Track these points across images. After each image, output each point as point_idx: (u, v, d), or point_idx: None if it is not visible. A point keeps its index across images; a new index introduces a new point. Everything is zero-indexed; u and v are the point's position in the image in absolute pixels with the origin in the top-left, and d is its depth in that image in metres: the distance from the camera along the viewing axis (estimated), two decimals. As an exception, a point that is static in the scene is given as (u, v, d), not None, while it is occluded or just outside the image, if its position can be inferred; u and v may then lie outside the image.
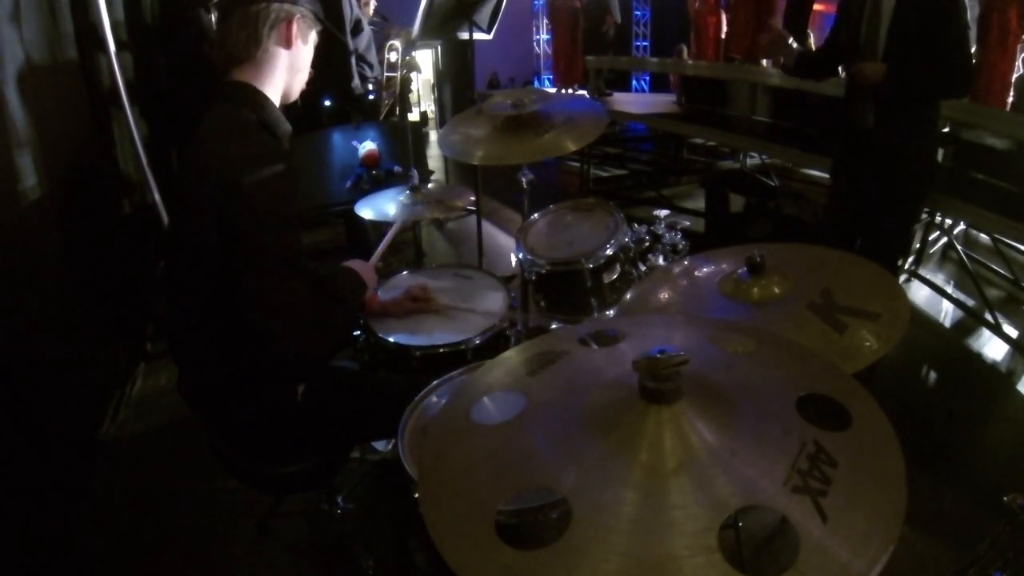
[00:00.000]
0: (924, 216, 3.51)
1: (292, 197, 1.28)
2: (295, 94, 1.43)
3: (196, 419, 1.45)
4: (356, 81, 4.02)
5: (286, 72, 1.37)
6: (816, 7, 6.51)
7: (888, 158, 2.24)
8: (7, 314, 1.81)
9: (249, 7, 1.29)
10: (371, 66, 4.16)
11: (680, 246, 1.83)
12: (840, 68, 2.43)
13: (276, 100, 1.37)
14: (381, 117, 4.56)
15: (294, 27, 1.34)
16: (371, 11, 4.79)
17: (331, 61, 3.77)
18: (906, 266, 3.62)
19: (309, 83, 1.46)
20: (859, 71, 2.17)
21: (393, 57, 4.65)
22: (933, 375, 2.84)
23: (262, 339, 1.23)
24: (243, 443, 1.44)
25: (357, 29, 4.00)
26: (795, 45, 2.41)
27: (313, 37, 1.42)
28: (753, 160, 5.72)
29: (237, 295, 1.21)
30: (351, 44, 3.90)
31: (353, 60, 3.97)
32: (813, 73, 2.51)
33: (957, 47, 2.11)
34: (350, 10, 3.89)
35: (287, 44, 1.34)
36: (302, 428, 1.41)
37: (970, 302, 3.38)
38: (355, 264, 1.54)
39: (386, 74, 4.62)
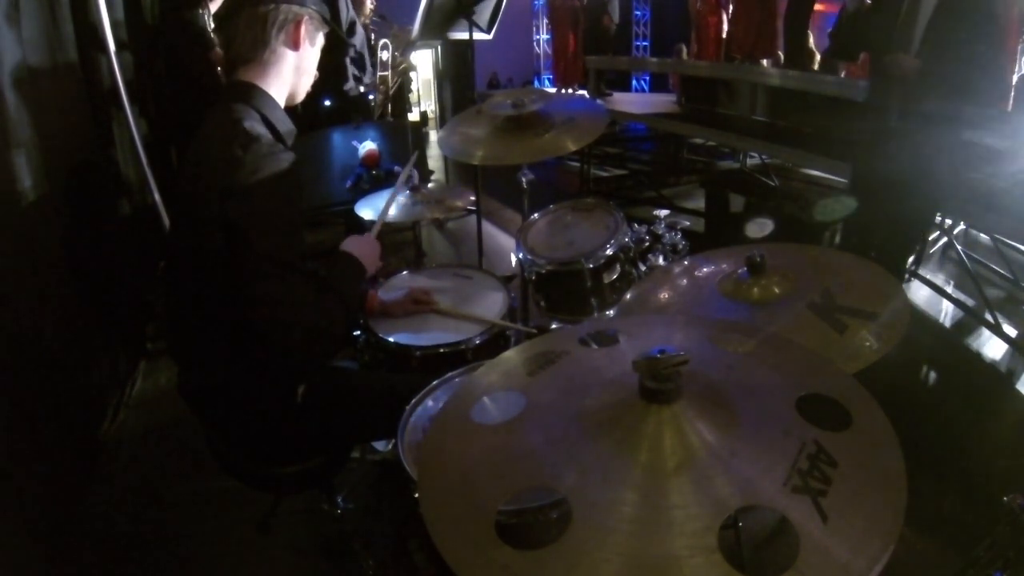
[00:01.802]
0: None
1: (296, 199, 1.27)
2: (300, 96, 1.43)
3: (196, 419, 1.44)
4: (351, 83, 4.02)
5: (292, 74, 1.37)
6: (816, 7, 6.50)
7: (912, 155, 2.23)
8: (7, 314, 1.81)
9: (257, 8, 1.28)
10: (363, 68, 4.17)
11: (680, 246, 1.83)
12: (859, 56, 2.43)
13: (281, 101, 1.37)
14: (375, 117, 4.56)
15: (302, 29, 1.33)
16: (367, 10, 4.78)
17: (328, 62, 3.78)
18: (906, 266, 3.62)
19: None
20: (893, 61, 2.16)
21: (385, 56, 4.64)
22: (933, 375, 2.83)
23: (265, 341, 1.22)
24: (243, 443, 1.44)
25: (351, 31, 4.01)
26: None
27: (320, 39, 1.42)
28: (753, 160, 5.72)
29: (240, 297, 1.21)
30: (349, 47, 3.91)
31: (348, 62, 3.98)
32: (845, 49, 2.51)
33: (992, 56, 2.12)
34: (346, 12, 3.89)
35: (294, 46, 1.34)
36: (302, 428, 1.41)
37: (970, 302, 3.37)
38: (353, 246, 1.45)
39: (379, 74, 4.61)
